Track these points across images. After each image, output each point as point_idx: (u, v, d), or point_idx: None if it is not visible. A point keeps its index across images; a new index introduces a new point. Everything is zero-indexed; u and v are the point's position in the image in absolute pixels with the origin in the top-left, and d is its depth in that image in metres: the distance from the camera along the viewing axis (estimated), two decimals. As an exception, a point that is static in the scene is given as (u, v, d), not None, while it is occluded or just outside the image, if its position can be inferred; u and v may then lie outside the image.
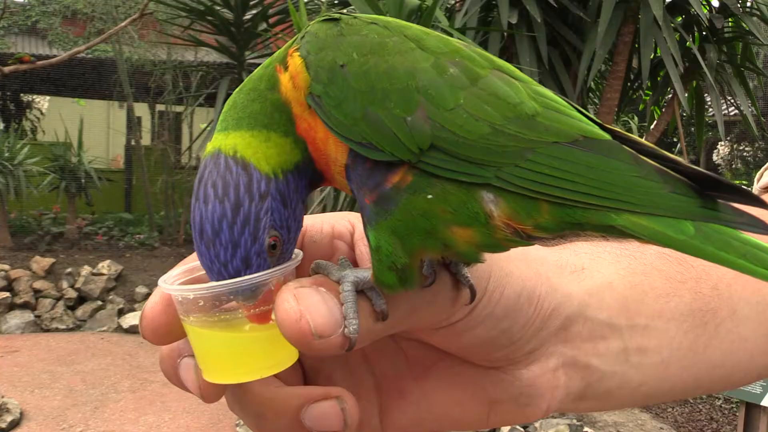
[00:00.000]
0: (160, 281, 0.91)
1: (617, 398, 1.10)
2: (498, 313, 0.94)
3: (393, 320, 0.87)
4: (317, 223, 1.00)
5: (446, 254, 0.85)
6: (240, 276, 0.84)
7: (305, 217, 0.99)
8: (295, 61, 0.87)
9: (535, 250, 1.05)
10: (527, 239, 0.84)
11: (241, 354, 0.90)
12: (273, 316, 0.84)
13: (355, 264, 0.97)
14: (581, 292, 1.04)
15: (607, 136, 0.85)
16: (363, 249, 0.97)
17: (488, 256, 0.89)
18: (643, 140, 0.86)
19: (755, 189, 1.47)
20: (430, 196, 0.82)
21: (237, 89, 0.95)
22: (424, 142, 0.81)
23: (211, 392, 0.92)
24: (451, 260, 0.90)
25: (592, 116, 0.88)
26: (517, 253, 0.97)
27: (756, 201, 0.81)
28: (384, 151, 0.82)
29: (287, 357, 0.90)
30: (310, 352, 0.82)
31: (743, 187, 0.82)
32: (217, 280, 0.85)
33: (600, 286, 1.06)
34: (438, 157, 0.82)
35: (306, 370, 1.02)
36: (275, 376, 0.93)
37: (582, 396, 1.06)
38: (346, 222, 1.00)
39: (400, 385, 1.02)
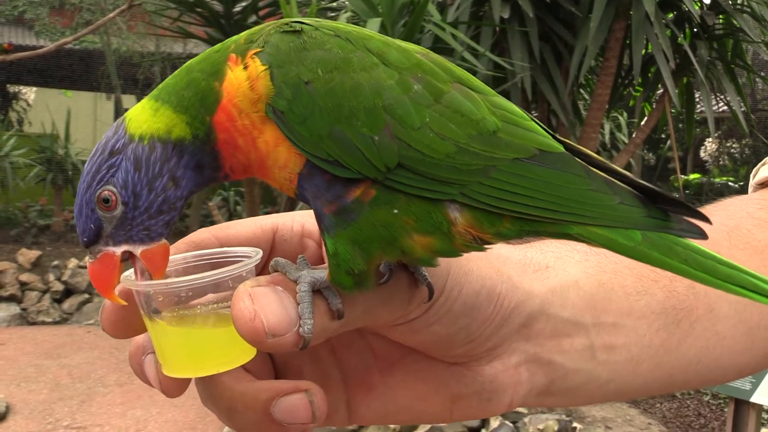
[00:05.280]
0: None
1: (585, 394, 1.12)
2: (456, 311, 0.96)
3: (349, 318, 0.88)
4: (288, 221, 1.02)
5: (403, 260, 0.87)
6: (81, 223, 0.92)
7: (276, 216, 1.02)
8: (257, 66, 0.86)
9: (498, 249, 1.06)
10: (485, 245, 0.87)
11: (198, 349, 0.92)
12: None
13: (320, 262, 0.98)
14: (544, 290, 1.05)
15: (561, 148, 0.88)
16: None
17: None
18: (591, 152, 0.91)
19: (751, 185, 1.46)
20: (395, 211, 0.83)
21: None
22: (392, 161, 0.83)
23: (171, 387, 0.94)
24: None
25: (544, 126, 0.91)
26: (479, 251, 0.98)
27: (693, 212, 0.87)
28: (350, 169, 0.83)
29: (244, 353, 0.91)
30: (264, 349, 0.85)
31: (681, 199, 0.88)
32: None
33: (564, 284, 1.08)
34: (405, 175, 0.83)
35: (276, 365, 1.05)
36: (246, 370, 0.96)
37: (546, 392, 1.08)
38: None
39: (367, 379, 1.05)
